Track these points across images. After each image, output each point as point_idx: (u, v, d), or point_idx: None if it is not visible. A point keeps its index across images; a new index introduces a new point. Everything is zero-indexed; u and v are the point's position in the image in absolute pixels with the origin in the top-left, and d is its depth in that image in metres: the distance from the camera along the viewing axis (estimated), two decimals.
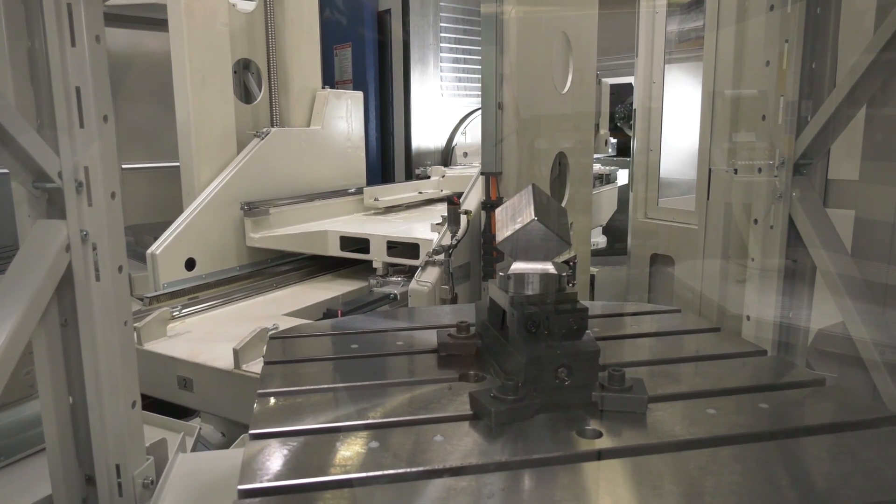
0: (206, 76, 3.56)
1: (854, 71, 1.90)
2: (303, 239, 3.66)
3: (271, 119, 4.11)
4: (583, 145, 3.55)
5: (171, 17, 3.48)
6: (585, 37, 3.47)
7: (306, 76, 4.30)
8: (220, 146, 3.71)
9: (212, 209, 3.49)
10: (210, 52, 3.58)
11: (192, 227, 3.39)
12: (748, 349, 1.37)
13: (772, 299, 2.15)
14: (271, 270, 3.80)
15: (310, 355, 1.40)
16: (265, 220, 3.69)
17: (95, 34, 1.41)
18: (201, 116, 3.57)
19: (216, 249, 3.53)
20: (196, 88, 3.52)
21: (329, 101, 4.33)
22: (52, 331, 1.48)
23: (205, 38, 3.55)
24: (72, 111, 1.38)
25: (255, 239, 3.65)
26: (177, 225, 3.37)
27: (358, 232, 3.52)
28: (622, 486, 0.88)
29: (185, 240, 3.36)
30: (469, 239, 2.85)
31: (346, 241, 3.52)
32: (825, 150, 2.07)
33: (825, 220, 2.04)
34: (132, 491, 1.58)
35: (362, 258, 3.49)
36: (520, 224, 1.13)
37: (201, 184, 3.59)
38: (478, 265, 2.93)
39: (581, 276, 3.59)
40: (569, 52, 3.31)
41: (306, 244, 3.67)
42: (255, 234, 3.66)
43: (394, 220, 4.00)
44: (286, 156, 4.01)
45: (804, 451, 0.97)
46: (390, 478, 0.90)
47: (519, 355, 1.08)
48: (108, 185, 1.47)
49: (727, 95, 2.71)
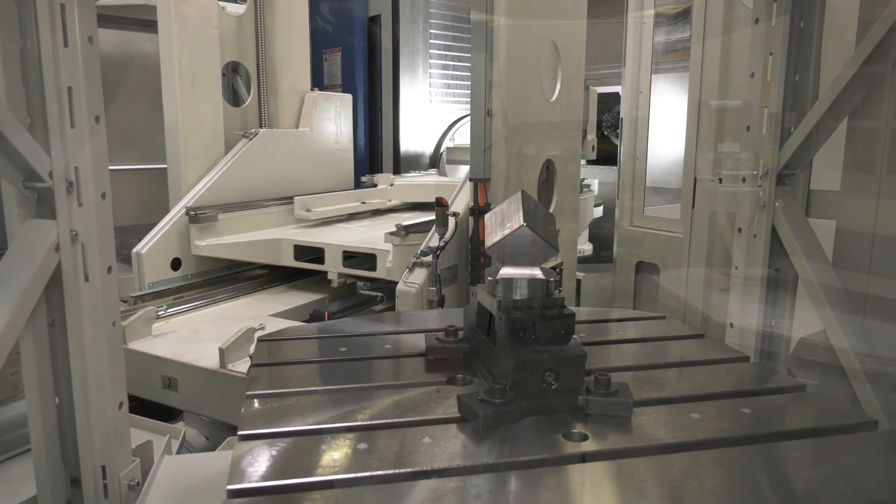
0: (195, 78, 3.56)
1: (836, 84, 1.94)
2: (254, 247, 3.42)
3: (260, 121, 4.11)
4: (570, 153, 3.58)
5: (160, 19, 3.48)
6: (574, 45, 3.50)
7: (295, 79, 4.30)
8: (208, 148, 3.70)
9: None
10: (199, 54, 3.58)
11: (178, 227, 3.38)
12: (731, 355, 1.40)
13: (754, 307, 2.18)
14: (224, 279, 3.55)
15: (298, 358, 1.41)
16: (212, 227, 3.45)
17: (88, 35, 1.41)
18: (189, 118, 3.56)
19: None
20: (185, 90, 3.51)
21: (318, 103, 4.33)
22: (39, 331, 1.48)
23: (194, 40, 3.55)
24: (63, 111, 1.38)
25: (200, 247, 3.39)
26: (163, 225, 3.36)
27: (312, 241, 3.27)
28: (607, 488, 0.90)
29: (171, 240, 3.34)
30: (456, 241, 2.86)
31: (300, 251, 3.29)
32: (808, 161, 2.11)
33: (807, 229, 2.08)
34: (118, 492, 1.57)
35: (317, 269, 3.26)
36: (509, 229, 1.15)
37: (188, 184, 3.57)
38: (465, 267, 2.94)
39: (567, 283, 3.61)
40: (557, 60, 3.34)
41: (258, 253, 3.43)
42: (200, 241, 3.40)
43: (354, 228, 3.83)
44: (274, 157, 3.99)
45: (785, 455, 0.99)
46: (379, 479, 0.91)
47: (506, 359, 1.09)
48: (98, 186, 1.47)
49: (712, 106, 2.75)
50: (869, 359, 1.89)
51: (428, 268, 2.68)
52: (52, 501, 1.55)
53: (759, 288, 2.16)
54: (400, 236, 2.93)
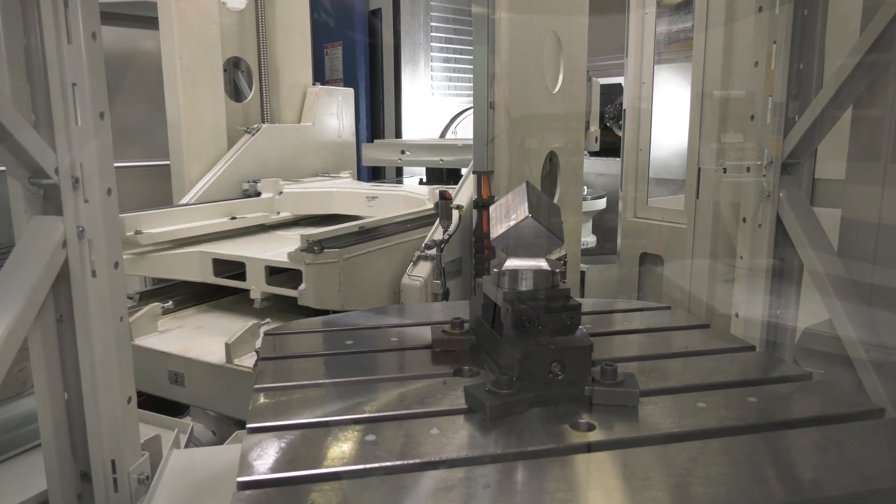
0: (197, 74, 3.56)
1: (840, 72, 1.93)
2: (170, 261, 2.93)
3: (262, 116, 4.11)
4: (573, 145, 3.58)
5: (161, 16, 3.47)
6: (576, 36, 3.49)
7: (297, 73, 4.30)
8: (211, 143, 3.70)
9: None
10: (200, 50, 3.58)
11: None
12: (737, 345, 1.40)
13: (760, 297, 2.18)
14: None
15: (304, 351, 1.41)
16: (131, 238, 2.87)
17: (92, 31, 1.41)
18: (191, 114, 3.56)
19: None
20: (186, 86, 3.51)
21: (320, 97, 4.33)
22: (47, 327, 1.49)
23: (195, 36, 3.55)
24: (68, 108, 1.39)
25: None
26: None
27: (233, 254, 2.83)
28: (614, 477, 0.90)
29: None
30: (460, 234, 2.86)
31: (220, 265, 2.85)
32: (812, 150, 2.10)
33: (812, 218, 2.07)
34: (127, 486, 1.58)
35: (238, 286, 2.80)
36: (514, 221, 1.15)
37: (191, 180, 3.57)
38: (469, 260, 2.94)
39: (571, 276, 3.61)
40: (559, 51, 3.34)
41: (174, 268, 2.93)
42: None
43: (293, 236, 3.07)
44: (277, 151, 3.99)
45: (792, 444, 0.99)
46: (387, 470, 0.92)
47: (512, 350, 1.09)
48: (104, 182, 1.47)
49: (716, 96, 2.74)
50: (875, 348, 1.88)
51: (432, 261, 2.68)
52: (62, 496, 1.56)
53: (764, 278, 2.16)
54: (313, 252, 2.42)
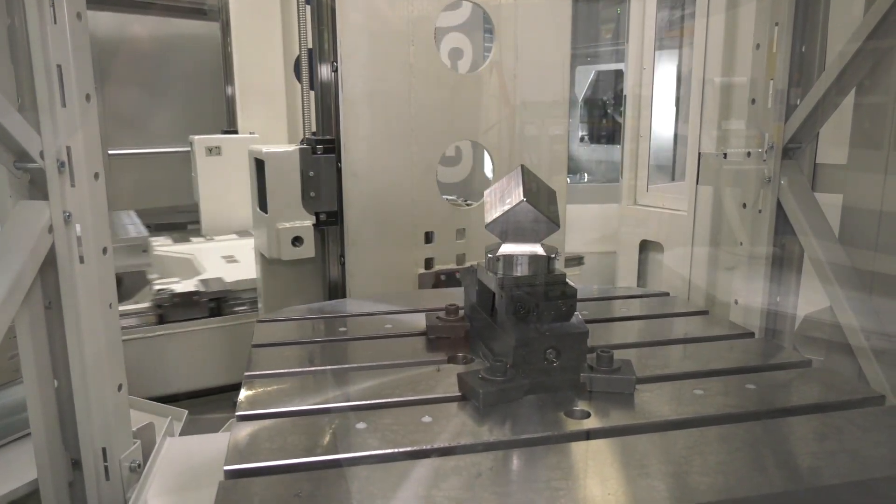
0: None
1: (843, 56, 1.89)
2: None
3: None
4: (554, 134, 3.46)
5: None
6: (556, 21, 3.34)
7: None
8: None
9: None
10: None
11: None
12: (736, 331, 1.38)
13: (760, 284, 2.15)
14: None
15: (298, 338, 1.39)
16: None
17: (77, 11, 1.38)
18: None
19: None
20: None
21: None
22: (35, 314, 1.46)
23: None
24: (53, 90, 1.35)
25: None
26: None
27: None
28: (610, 465, 0.88)
29: None
30: None
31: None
32: (814, 135, 2.07)
33: (813, 204, 2.05)
34: (119, 474, 1.56)
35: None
36: (508, 205, 1.12)
37: None
38: None
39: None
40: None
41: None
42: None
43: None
44: None
45: (791, 431, 0.97)
46: (378, 458, 0.90)
47: (508, 337, 1.07)
48: (91, 166, 1.44)
49: (717, 81, 2.70)
50: (875, 335, 1.86)
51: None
52: (53, 484, 1.54)
53: (765, 264, 2.13)
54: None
